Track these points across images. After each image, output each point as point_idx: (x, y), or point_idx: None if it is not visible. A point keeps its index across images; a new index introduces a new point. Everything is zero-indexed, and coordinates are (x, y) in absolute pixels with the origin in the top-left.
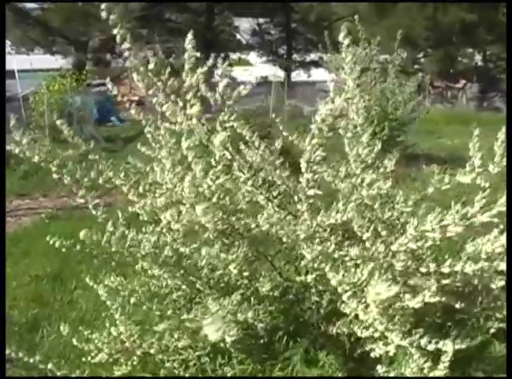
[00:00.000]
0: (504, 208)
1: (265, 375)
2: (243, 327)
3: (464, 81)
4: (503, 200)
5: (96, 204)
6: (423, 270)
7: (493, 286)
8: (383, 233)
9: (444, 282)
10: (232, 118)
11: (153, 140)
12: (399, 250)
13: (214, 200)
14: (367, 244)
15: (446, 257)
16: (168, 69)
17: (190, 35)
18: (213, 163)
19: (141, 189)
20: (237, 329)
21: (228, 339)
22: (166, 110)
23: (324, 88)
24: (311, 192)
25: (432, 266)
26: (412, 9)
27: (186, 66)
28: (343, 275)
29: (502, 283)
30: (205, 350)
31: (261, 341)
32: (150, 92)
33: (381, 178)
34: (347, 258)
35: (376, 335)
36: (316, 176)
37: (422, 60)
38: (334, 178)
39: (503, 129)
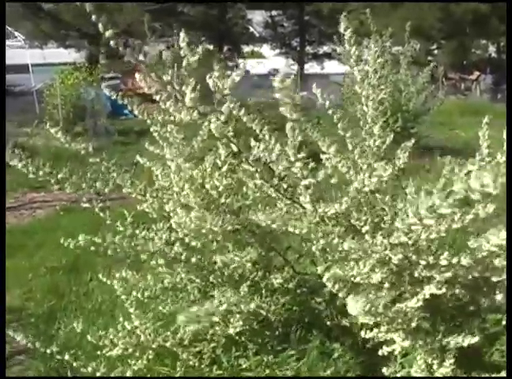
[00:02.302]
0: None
1: (280, 366)
2: (258, 319)
3: (477, 73)
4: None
5: (101, 207)
6: (422, 262)
7: (493, 279)
8: (383, 226)
9: (446, 275)
10: (232, 107)
11: (160, 137)
12: (395, 243)
13: (222, 200)
14: (367, 237)
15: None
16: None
17: (182, 33)
18: (219, 162)
19: (147, 196)
20: (242, 320)
21: (231, 331)
22: (169, 107)
23: (337, 81)
24: (306, 182)
25: (431, 259)
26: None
27: (184, 62)
28: (343, 271)
29: (501, 278)
30: (219, 342)
31: (276, 333)
32: (153, 91)
33: (393, 170)
34: (343, 252)
35: (380, 335)
36: (309, 166)
37: (435, 51)
38: (348, 169)
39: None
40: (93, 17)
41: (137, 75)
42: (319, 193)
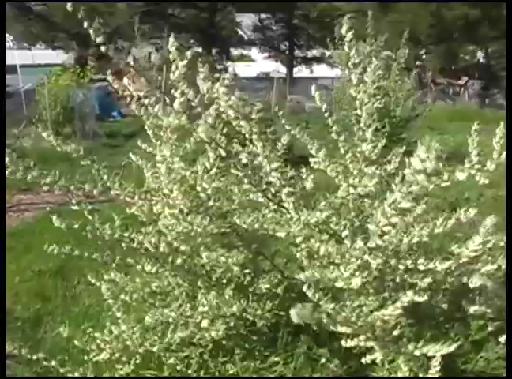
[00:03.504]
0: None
1: (267, 371)
2: (245, 324)
3: (466, 78)
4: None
5: (90, 209)
6: (401, 267)
7: (470, 285)
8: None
9: (425, 280)
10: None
11: (154, 136)
12: (372, 247)
13: (210, 203)
14: (346, 241)
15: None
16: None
17: (171, 38)
18: (207, 165)
19: (136, 198)
20: (226, 324)
21: (213, 334)
22: (158, 111)
23: (326, 84)
24: (285, 190)
25: (409, 263)
26: (415, 5)
27: (174, 66)
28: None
29: (479, 283)
30: (206, 347)
31: (264, 338)
32: (142, 94)
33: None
34: (325, 258)
35: (361, 343)
36: (289, 175)
37: (424, 56)
38: (337, 174)
39: (501, 125)
40: (85, 24)
41: (125, 79)
42: (305, 198)
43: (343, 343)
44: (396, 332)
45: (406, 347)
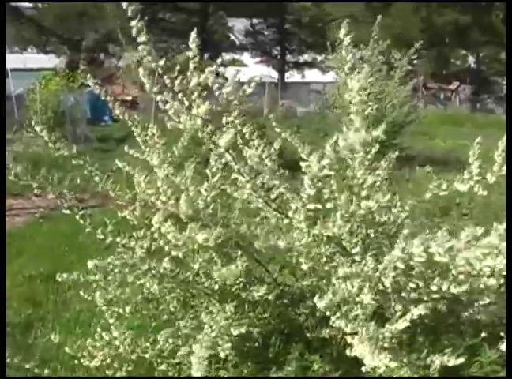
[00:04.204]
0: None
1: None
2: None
3: (457, 83)
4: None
5: (82, 214)
6: (412, 285)
7: (481, 302)
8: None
9: (434, 296)
10: (240, 117)
11: (143, 142)
12: (387, 267)
13: (209, 211)
14: (357, 258)
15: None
16: (177, 68)
17: (193, 34)
18: (209, 173)
19: (136, 205)
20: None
21: (222, 355)
22: (169, 109)
23: (317, 89)
24: (311, 206)
25: (421, 283)
26: (406, 10)
27: (191, 65)
28: (331, 296)
29: (488, 300)
30: None
31: (256, 344)
32: (155, 90)
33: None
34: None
35: (367, 356)
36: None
37: (415, 61)
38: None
39: (504, 138)
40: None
41: (116, 82)
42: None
43: (348, 352)
44: (396, 340)
45: (408, 356)
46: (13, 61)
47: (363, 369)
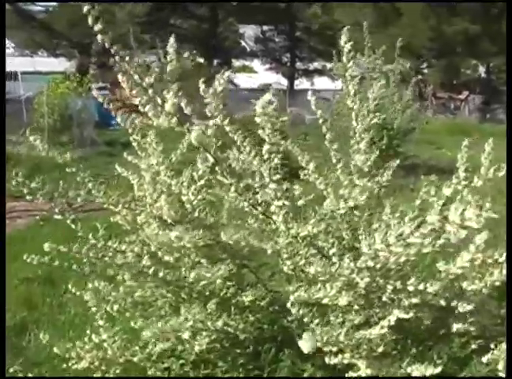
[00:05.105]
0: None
1: None
2: (228, 337)
3: (467, 93)
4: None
5: (73, 219)
6: (389, 287)
7: (460, 309)
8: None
9: (413, 300)
10: (220, 118)
11: (139, 148)
12: (361, 267)
13: (196, 214)
14: (334, 259)
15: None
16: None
17: (172, 39)
18: (195, 176)
19: (120, 207)
20: (209, 337)
21: (197, 348)
22: (148, 111)
23: (326, 97)
24: (279, 203)
25: (398, 284)
26: (415, 18)
27: (169, 67)
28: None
29: (469, 307)
30: (187, 360)
31: (247, 351)
32: (134, 93)
33: (376, 187)
34: (309, 275)
35: (346, 361)
36: (284, 187)
37: (425, 71)
38: (326, 186)
39: (489, 141)
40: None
41: (120, 77)
42: (294, 211)
43: (327, 359)
44: (380, 349)
45: (390, 365)
46: (23, 64)
47: (347, 375)
